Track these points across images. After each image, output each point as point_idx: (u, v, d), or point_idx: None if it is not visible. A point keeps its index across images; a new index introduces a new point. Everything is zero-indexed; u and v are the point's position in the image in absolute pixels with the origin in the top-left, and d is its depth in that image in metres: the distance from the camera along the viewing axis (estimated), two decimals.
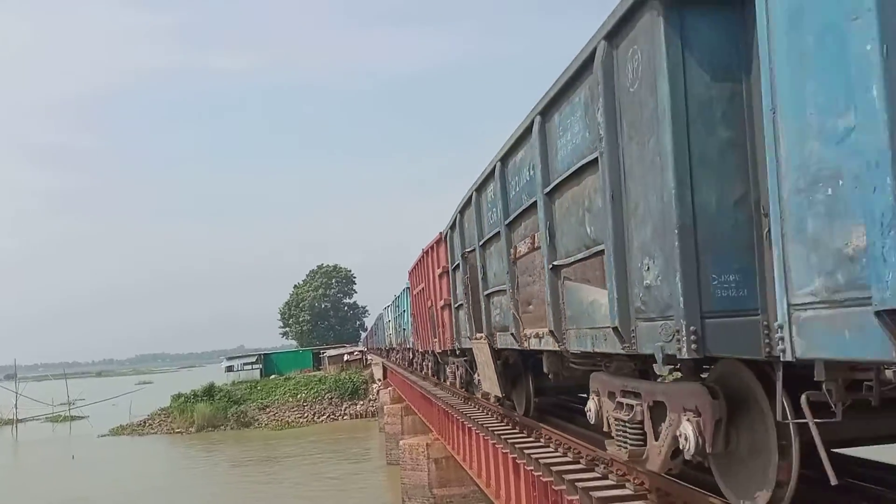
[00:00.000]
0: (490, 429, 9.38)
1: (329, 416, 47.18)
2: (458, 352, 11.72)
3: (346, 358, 56.50)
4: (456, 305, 10.24)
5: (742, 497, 4.00)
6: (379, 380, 43.28)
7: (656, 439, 4.50)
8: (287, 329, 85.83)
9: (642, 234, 3.91)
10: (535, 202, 5.63)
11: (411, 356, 23.87)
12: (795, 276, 2.66)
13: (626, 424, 4.76)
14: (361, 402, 47.58)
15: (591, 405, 5.52)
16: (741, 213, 3.43)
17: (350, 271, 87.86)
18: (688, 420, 4.03)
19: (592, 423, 5.54)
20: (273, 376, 55.86)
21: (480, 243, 7.94)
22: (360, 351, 59.85)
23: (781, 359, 2.83)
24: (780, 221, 2.74)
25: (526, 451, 7.46)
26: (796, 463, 3.58)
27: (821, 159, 2.42)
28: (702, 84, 3.50)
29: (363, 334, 79.86)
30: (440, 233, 11.60)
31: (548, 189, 5.35)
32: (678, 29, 3.52)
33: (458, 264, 9.43)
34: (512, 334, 6.85)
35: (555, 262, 5.35)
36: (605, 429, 5.26)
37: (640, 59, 3.79)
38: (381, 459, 29.52)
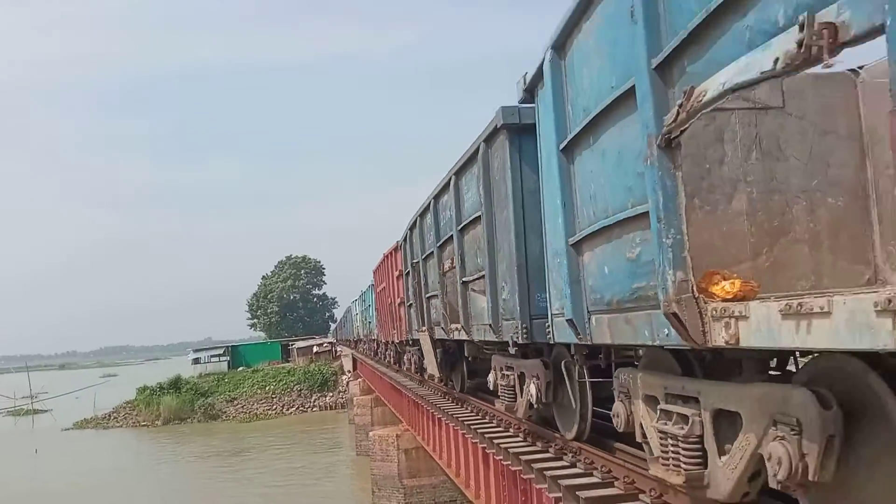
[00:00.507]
0: (460, 419, 9.80)
1: (298, 407, 48.84)
2: (411, 342, 14.51)
3: (315, 350, 58.56)
4: (408, 304, 13.03)
5: (566, 430, 6.80)
6: (349, 371, 45.03)
7: (521, 396, 7.30)
8: (255, 321, 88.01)
9: (502, 267, 6.68)
10: (453, 235, 8.40)
11: (376, 346, 26.78)
12: (552, 299, 5.44)
13: (505, 388, 7.56)
14: (331, 394, 49.33)
15: (491, 377, 8.33)
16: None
17: (319, 262, 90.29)
18: (533, 383, 6.83)
19: (491, 389, 8.36)
20: (241, 368, 57.83)
21: (423, 257, 10.74)
22: (329, 342, 61.97)
23: (550, 342, 5.61)
24: (548, 270, 5.52)
25: (495, 441, 7.78)
26: (590, 407, 6.35)
27: (555, 244, 5.20)
28: (530, 180, 6.25)
29: (333, 326, 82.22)
30: (397, 242, 14.36)
31: (459, 227, 8.13)
32: (517, 147, 6.28)
33: (409, 271, 12.22)
34: (442, 328, 9.65)
35: (464, 279, 8.13)
36: (498, 393, 8.08)
37: (499, 160, 6.54)
38: (350, 451, 30.50)
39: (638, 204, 3.72)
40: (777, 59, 2.38)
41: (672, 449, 4.12)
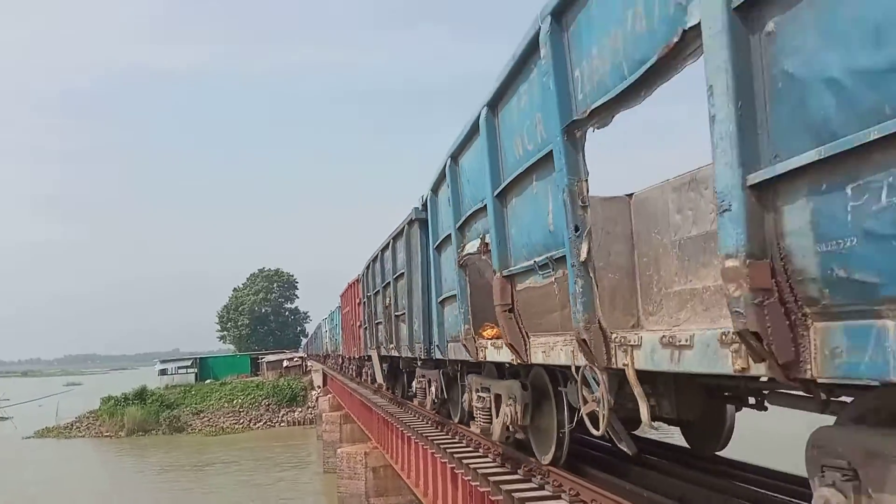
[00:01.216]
0: (429, 438, 10.60)
1: (266, 422, 51.15)
2: (367, 357, 18.88)
3: (285, 364, 61.81)
4: (364, 327, 17.44)
5: (454, 417, 11.14)
6: (318, 387, 47.57)
7: (428, 395, 11.70)
8: (225, 333, 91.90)
9: (415, 309, 11.09)
10: (390, 281, 12.80)
11: (342, 361, 31.18)
12: (435, 332, 9.85)
13: (420, 390, 11.96)
14: (300, 410, 51.91)
15: (415, 383, 12.70)
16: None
17: (292, 276, 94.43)
18: (433, 385, 11.21)
19: (413, 392, 12.74)
20: (209, 381, 60.51)
21: (373, 292, 15.16)
22: (300, 357, 65.32)
23: (434, 357, 10.02)
24: (433, 314, 9.94)
25: (464, 461, 8.38)
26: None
27: (434, 300, 9.61)
28: (431, 253, 10.64)
29: (304, 340, 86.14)
30: (358, 275, 18.79)
31: (394, 276, 12.54)
32: (426, 233, 10.67)
33: (365, 301, 16.65)
34: (384, 347, 14.03)
35: (396, 313, 12.53)
36: (414, 394, 12.47)
37: (415, 239, 10.96)
38: (317, 467, 32.18)
39: (455, 289, 8.10)
40: (477, 248, 6.76)
41: (478, 415, 8.49)
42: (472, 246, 6.98)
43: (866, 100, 2.39)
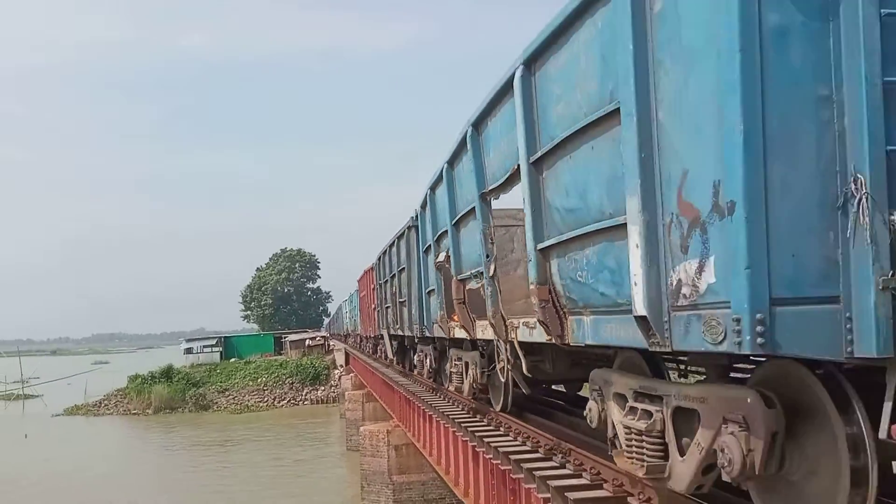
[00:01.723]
0: (450, 417, 11.17)
1: (290, 400, 54.96)
2: (380, 336, 22.51)
3: (308, 343, 65.90)
4: (377, 309, 21.06)
5: (446, 384, 14.67)
6: (341, 366, 50.87)
7: (425, 366, 15.26)
8: (248, 313, 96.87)
9: (413, 297, 14.62)
10: (395, 273, 16.34)
11: (360, 340, 35.12)
12: (425, 316, 13.38)
13: (417, 361, 15.54)
14: (323, 388, 55.75)
15: (415, 357, 16.28)
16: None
17: (314, 256, 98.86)
18: (428, 358, 14.76)
19: (414, 364, 16.33)
20: (233, 359, 64.53)
21: (383, 281, 18.72)
22: (322, 336, 69.23)
23: (427, 335, 13.57)
24: (424, 301, 13.49)
25: (486, 440, 8.66)
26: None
27: (424, 290, 13.14)
28: (422, 255, 14.11)
29: (326, 320, 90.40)
30: (372, 264, 22.38)
31: (398, 269, 16.08)
32: (419, 238, 14.15)
33: (377, 287, 20.25)
34: (392, 327, 17.62)
35: (400, 300, 16.08)
36: (415, 366, 16.05)
37: (412, 239, 14.46)
38: (341, 445, 34.43)
39: (434, 284, 11.56)
40: (445, 258, 10.20)
41: (454, 378, 11.99)
42: (442, 256, 10.40)
43: (567, 220, 5.77)
